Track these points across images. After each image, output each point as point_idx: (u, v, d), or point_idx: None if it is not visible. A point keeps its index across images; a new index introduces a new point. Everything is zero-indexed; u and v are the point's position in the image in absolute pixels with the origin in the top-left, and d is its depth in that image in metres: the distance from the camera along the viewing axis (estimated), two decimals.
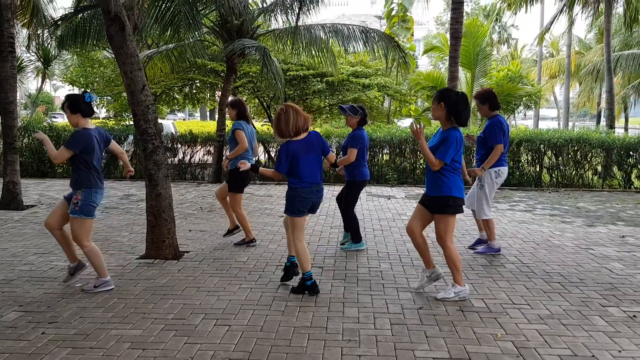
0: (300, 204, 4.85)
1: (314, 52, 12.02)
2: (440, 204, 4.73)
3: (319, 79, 16.04)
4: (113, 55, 10.77)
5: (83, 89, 5.11)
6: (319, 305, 4.63)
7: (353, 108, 6.48)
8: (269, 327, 4.14)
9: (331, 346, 3.81)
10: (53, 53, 19.74)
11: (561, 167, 12.67)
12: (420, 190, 11.84)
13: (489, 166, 6.18)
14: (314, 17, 11.14)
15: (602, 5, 18.69)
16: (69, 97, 4.95)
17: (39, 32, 11.34)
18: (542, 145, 12.61)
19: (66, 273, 5.19)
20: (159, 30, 9.97)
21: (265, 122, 19.41)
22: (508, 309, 4.56)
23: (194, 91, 19.43)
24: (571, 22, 23.84)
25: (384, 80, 17.54)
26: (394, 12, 25.17)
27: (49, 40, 11.93)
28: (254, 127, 6.96)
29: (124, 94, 17.42)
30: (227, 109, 6.73)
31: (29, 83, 34.47)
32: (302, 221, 4.95)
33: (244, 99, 17.72)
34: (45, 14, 10.85)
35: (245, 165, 5.04)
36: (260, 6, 12.69)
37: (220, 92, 15.50)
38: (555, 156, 12.65)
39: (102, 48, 16.23)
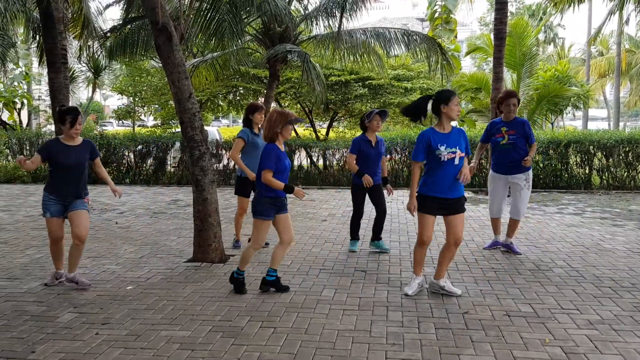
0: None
1: (357, 57, 12.06)
2: (461, 203, 4.99)
3: (360, 83, 16.05)
4: (160, 65, 11.08)
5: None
6: (363, 308, 4.65)
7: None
8: (313, 329, 4.19)
9: (375, 350, 3.83)
10: (103, 63, 20.41)
11: (612, 169, 12.29)
12: (465, 194, 11.67)
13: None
14: (356, 22, 11.16)
15: None
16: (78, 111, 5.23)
17: (89, 44, 11.76)
18: (591, 147, 12.27)
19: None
20: (204, 39, 10.20)
21: (307, 126, 19.53)
22: (556, 314, 4.47)
23: (238, 98, 19.73)
24: (622, 23, 23.13)
25: (426, 83, 17.40)
26: (437, 14, 24.97)
27: (99, 51, 12.36)
28: None
29: (171, 102, 17.88)
30: (265, 115, 6.74)
31: (80, 93, 35.69)
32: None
33: (286, 104, 17.91)
34: (96, 26, 11.26)
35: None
36: (303, 13, 12.81)
37: (263, 99, 15.71)
38: (605, 157, 12.28)
39: (149, 58, 16.70)
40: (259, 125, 6.68)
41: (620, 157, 12.24)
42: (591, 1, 26.77)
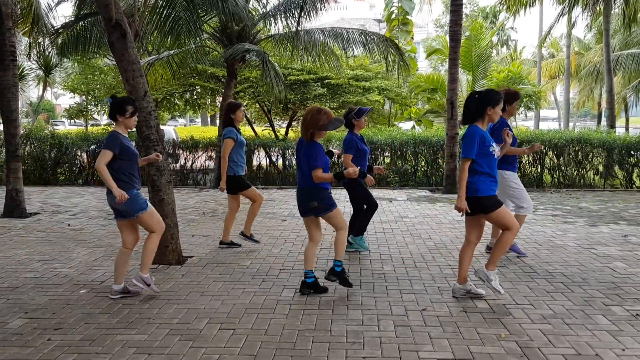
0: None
1: (315, 57, 12.07)
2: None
3: (319, 83, 16.06)
4: (114, 62, 10.85)
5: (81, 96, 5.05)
6: (323, 308, 4.65)
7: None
8: (273, 330, 4.16)
9: (335, 348, 3.83)
10: (54, 61, 19.82)
11: (562, 168, 12.69)
12: (421, 192, 11.86)
13: None
14: (314, 22, 11.14)
15: (600, 5, 18.74)
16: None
17: (40, 41, 11.39)
18: (543, 146, 12.63)
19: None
20: (159, 37, 10.01)
21: (266, 126, 19.43)
22: (511, 309, 4.57)
23: (195, 97, 19.45)
24: (571, 25, 23.92)
25: (384, 83, 17.55)
26: (394, 16, 25.26)
27: (50, 49, 11.98)
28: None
29: None
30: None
31: (30, 91, 34.54)
32: None
33: (245, 104, 17.76)
34: (46, 22, 10.90)
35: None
36: (261, 11, 12.74)
37: (221, 98, 15.53)
38: (556, 157, 12.67)
39: (103, 55, 16.31)
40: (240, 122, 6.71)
41: (571, 156, 12.64)
42: (542, 4, 27.59)
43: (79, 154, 13.70)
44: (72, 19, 10.67)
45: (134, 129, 5.37)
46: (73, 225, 8.29)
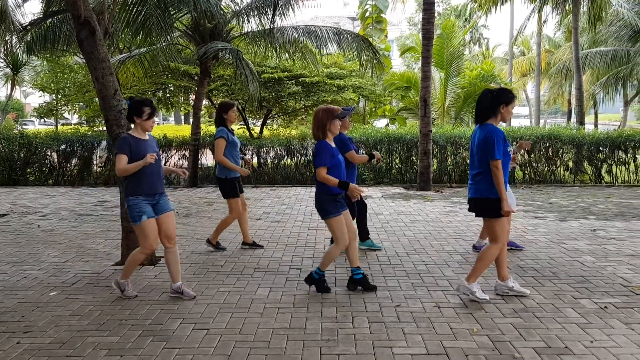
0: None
1: (290, 53, 12.03)
2: None
3: (293, 81, 16.04)
4: (84, 61, 10.67)
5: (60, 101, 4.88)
6: (298, 306, 4.64)
7: None
8: (247, 329, 4.15)
9: (310, 346, 3.83)
10: (22, 59, 19.45)
11: (533, 164, 12.89)
12: (396, 189, 11.93)
13: None
14: (288, 20, 11.11)
15: (569, 4, 19.08)
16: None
17: (7, 38, 11.12)
18: (514, 143, 12.81)
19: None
20: (130, 35, 9.87)
21: (241, 125, 19.34)
22: (483, 304, 4.63)
23: (168, 95, 19.27)
24: (542, 23, 24.31)
25: (358, 81, 17.61)
26: (367, 14, 25.33)
27: (17, 46, 11.71)
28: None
29: (96, 100, 17.21)
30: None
31: None
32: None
33: (218, 102, 17.63)
34: (14, 19, 10.65)
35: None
36: (234, 9, 12.65)
37: (194, 96, 15.40)
38: (527, 153, 12.86)
39: (72, 53, 16.03)
40: (233, 123, 6.58)
41: (541, 153, 12.86)
42: (513, 2, 27.99)
43: (49, 153, 13.45)
44: (41, 15, 10.45)
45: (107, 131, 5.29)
46: (43, 227, 8.14)
